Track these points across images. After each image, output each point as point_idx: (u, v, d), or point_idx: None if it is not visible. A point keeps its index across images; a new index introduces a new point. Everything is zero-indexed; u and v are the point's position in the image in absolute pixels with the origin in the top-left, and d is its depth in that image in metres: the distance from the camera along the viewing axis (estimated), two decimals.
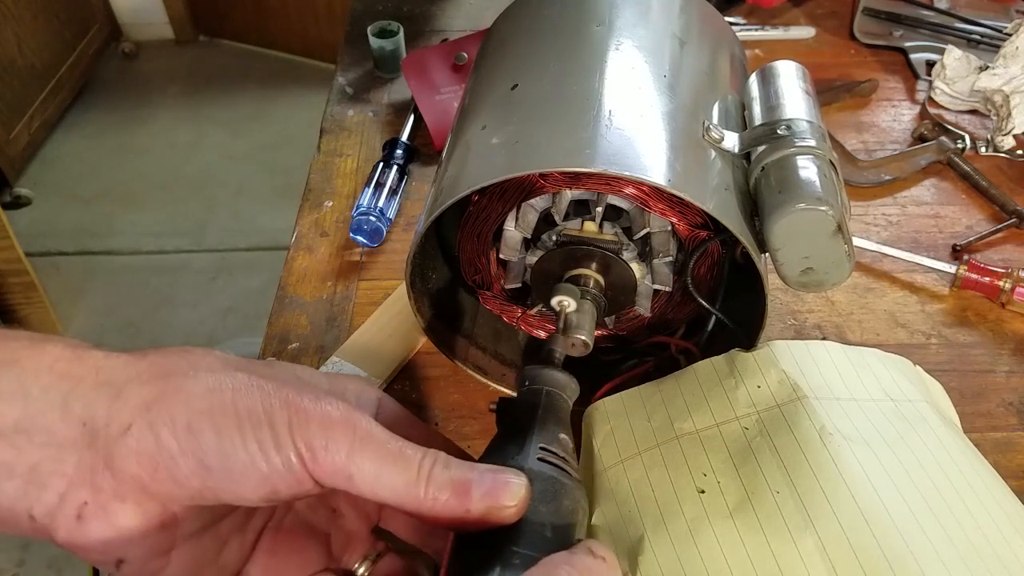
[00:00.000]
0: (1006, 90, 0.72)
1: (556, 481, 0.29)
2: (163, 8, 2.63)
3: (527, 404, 0.34)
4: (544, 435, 0.31)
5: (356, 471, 0.27)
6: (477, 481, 0.28)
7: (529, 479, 0.28)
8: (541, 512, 0.28)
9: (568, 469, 0.31)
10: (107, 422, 0.27)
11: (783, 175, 0.42)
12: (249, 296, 1.84)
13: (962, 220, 0.67)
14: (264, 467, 0.27)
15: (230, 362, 0.30)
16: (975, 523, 0.38)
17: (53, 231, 2.01)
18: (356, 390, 0.34)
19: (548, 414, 0.33)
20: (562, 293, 0.42)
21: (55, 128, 2.31)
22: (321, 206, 0.68)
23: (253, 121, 2.38)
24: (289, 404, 0.27)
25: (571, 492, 0.30)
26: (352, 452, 0.27)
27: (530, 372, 0.36)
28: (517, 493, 0.28)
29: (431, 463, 0.28)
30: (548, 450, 0.31)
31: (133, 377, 0.28)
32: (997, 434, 0.51)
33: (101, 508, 0.27)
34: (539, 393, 0.34)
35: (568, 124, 0.42)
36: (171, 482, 0.27)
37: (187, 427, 0.27)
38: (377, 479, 0.27)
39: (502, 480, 0.28)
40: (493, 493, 0.28)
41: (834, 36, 0.91)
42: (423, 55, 0.80)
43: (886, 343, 0.56)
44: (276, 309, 0.59)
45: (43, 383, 0.27)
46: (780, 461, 0.39)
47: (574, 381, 0.36)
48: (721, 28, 0.56)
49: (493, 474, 0.28)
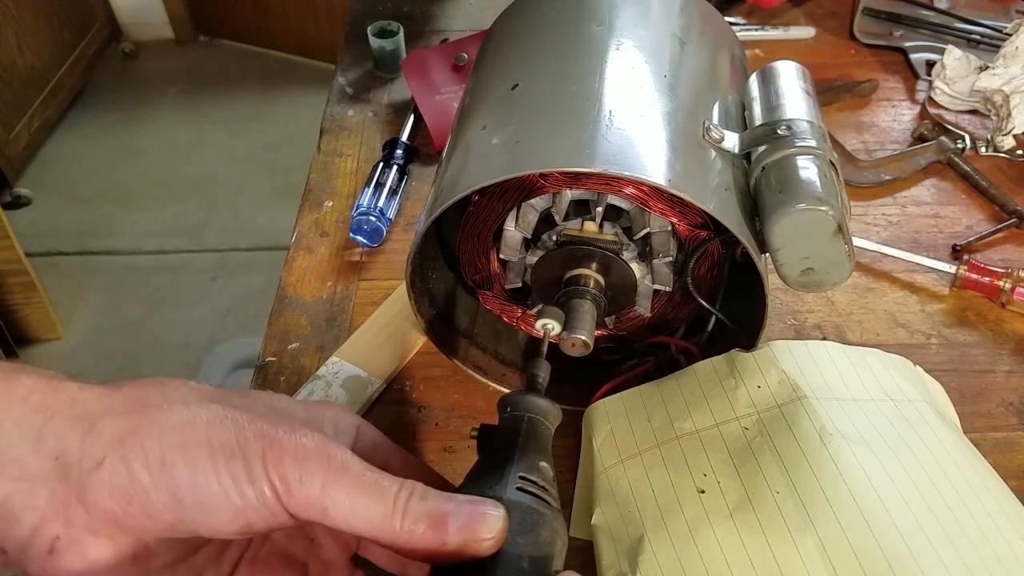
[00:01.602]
0: (1006, 90, 0.72)
1: (534, 512, 0.29)
2: (163, 8, 2.63)
3: (508, 431, 0.33)
4: (524, 463, 0.31)
5: (331, 503, 0.27)
6: (454, 513, 0.28)
7: (507, 509, 0.28)
8: (519, 543, 0.28)
9: (547, 499, 0.30)
10: (80, 456, 0.27)
11: (783, 175, 0.42)
12: (249, 296, 1.84)
13: (962, 220, 0.67)
14: (238, 500, 0.27)
15: (205, 393, 0.30)
16: (975, 523, 0.38)
17: (53, 231, 2.01)
18: (334, 418, 0.34)
19: (529, 442, 0.33)
20: (547, 316, 0.41)
21: (55, 128, 2.31)
22: (321, 206, 0.68)
23: (253, 121, 2.38)
24: (263, 436, 0.27)
25: (549, 523, 0.29)
26: (327, 484, 0.27)
27: (511, 398, 0.35)
28: (494, 526, 0.28)
29: (407, 494, 0.28)
30: (527, 479, 0.30)
31: (107, 410, 0.28)
32: (997, 434, 0.51)
33: (73, 542, 0.27)
34: (520, 420, 0.34)
35: (568, 124, 0.42)
36: (144, 516, 0.27)
37: (160, 460, 0.26)
38: (352, 511, 0.27)
39: (479, 512, 0.28)
40: (470, 526, 0.27)
41: (834, 36, 0.91)
42: (423, 55, 0.80)
43: (886, 343, 0.56)
44: (276, 309, 0.59)
45: (16, 415, 0.27)
46: (780, 461, 0.39)
47: (556, 407, 0.35)
48: (721, 28, 0.56)
49: (471, 506, 0.28)
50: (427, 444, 0.51)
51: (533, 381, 0.37)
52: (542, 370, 0.37)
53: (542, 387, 0.37)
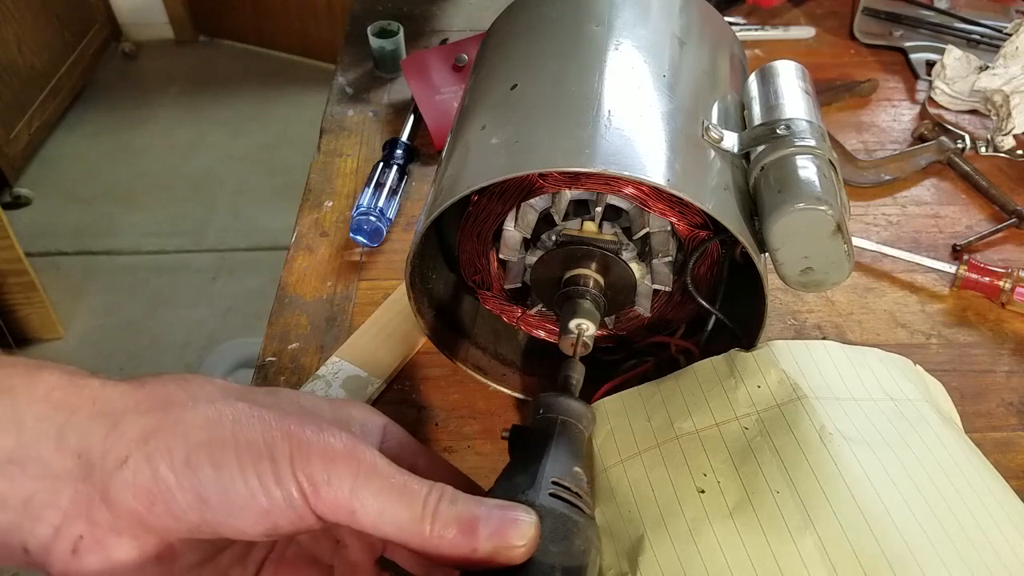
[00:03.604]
0: (1006, 90, 0.72)
1: (568, 519, 0.28)
2: (163, 8, 2.63)
3: (541, 433, 0.32)
4: (557, 467, 0.30)
5: (359, 507, 0.26)
6: (485, 518, 0.27)
7: (540, 516, 0.27)
8: (551, 552, 0.27)
9: (581, 506, 0.29)
10: (103, 454, 0.26)
11: (782, 175, 0.42)
12: (249, 296, 1.84)
13: (962, 220, 0.67)
14: (264, 502, 0.26)
15: (230, 391, 0.29)
16: (976, 523, 0.38)
17: (53, 231, 2.01)
18: (361, 418, 0.33)
19: (562, 445, 0.32)
20: (581, 316, 0.39)
21: (55, 128, 2.31)
22: (321, 206, 0.68)
23: (253, 121, 2.38)
24: (291, 436, 0.27)
25: (583, 531, 0.28)
26: (356, 487, 0.26)
27: (545, 400, 0.34)
28: (526, 533, 0.27)
29: (437, 498, 0.27)
30: (561, 484, 0.29)
31: (131, 407, 0.27)
32: (997, 434, 0.51)
33: (97, 542, 0.27)
34: (553, 422, 0.33)
35: (567, 124, 0.42)
36: (168, 516, 0.26)
37: (185, 460, 0.26)
38: (381, 515, 0.26)
39: (511, 518, 0.27)
40: (501, 532, 0.27)
41: (834, 36, 0.91)
42: (423, 56, 0.80)
43: (886, 343, 0.56)
44: (276, 309, 0.59)
45: (37, 412, 0.27)
46: (780, 461, 0.39)
47: (591, 411, 0.34)
48: (721, 28, 0.56)
49: (502, 511, 0.27)
50: (427, 444, 0.51)
51: (567, 383, 0.36)
52: (576, 371, 0.36)
53: (576, 389, 0.36)
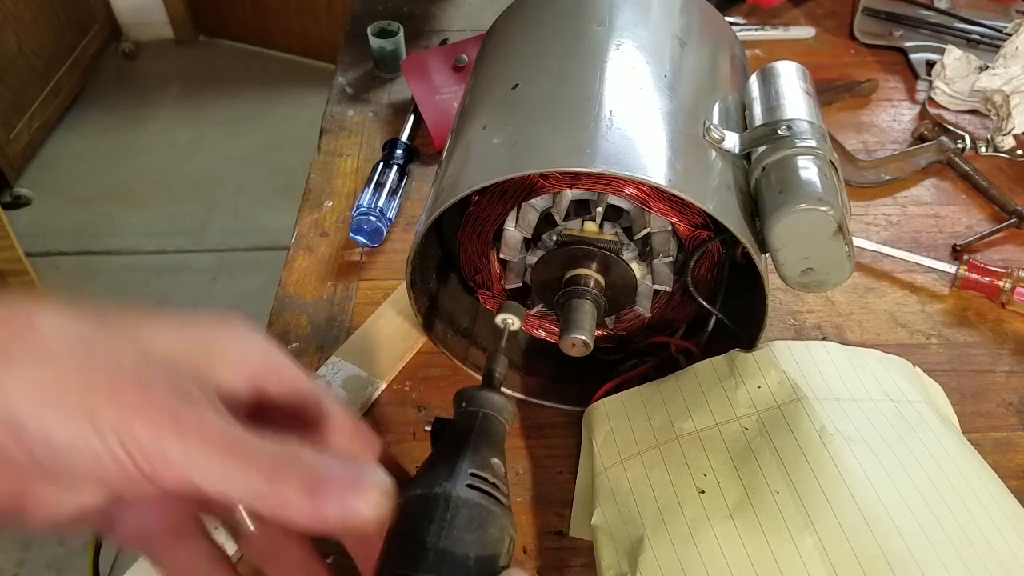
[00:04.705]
0: (1006, 90, 0.72)
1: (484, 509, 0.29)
2: (163, 8, 2.62)
3: (462, 426, 0.33)
4: (476, 459, 0.31)
5: (195, 468, 0.23)
6: (325, 479, 0.24)
7: (457, 505, 0.28)
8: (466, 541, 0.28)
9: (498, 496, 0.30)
10: None
11: (784, 175, 0.42)
12: (249, 296, 1.84)
13: (962, 220, 0.67)
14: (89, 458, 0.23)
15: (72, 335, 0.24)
16: (974, 524, 0.38)
17: (53, 231, 2.01)
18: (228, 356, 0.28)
19: (482, 437, 0.33)
20: (506, 311, 0.40)
21: (55, 128, 2.31)
22: (321, 206, 0.68)
23: (253, 121, 2.38)
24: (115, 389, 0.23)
25: (498, 520, 0.29)
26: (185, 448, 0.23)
27: (467, 393, 0.35)
28: (374, 501, 0.24)
29: (276, 454, 0.24)
30: (478, 475, 0.30)
31: None
32: (997, 434, 0.51)
33: None
34: (475, 415, 0.34)
35: (568, 124, 0.42)
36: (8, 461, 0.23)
37: None
38: (221, 478, 0.23)
39: (354, 480, 0.24)
40: (346, 499, 0.24)
41: (834, 36, 0.91)
42: (423, 56, 0.80)
43: (886, 343, 0.56)
44: (276, 309, 0.59)
45: None
46: (780, 461, 0.39)
47: (512, 404, 0.35)
48: (721, 28, 0.56)
49: (346, 471, 0.24)
50: (427, 444, 0.50)
51: (490, 376, 0.37)
52: (500, 365, 0.37)
53: (499, 382, 0.36)
